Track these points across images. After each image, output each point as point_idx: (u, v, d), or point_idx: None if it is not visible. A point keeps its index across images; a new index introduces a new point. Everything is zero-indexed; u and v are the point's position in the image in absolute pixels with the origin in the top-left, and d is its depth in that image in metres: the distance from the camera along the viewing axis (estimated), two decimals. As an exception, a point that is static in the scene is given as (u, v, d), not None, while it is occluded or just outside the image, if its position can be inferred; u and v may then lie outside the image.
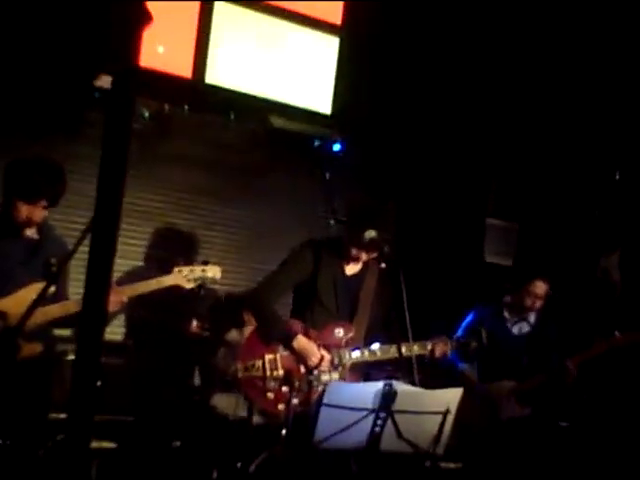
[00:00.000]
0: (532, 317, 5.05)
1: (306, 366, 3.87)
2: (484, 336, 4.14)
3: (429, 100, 6.21)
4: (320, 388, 3.77)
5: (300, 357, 3.88)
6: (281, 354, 3.90)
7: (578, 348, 4.83)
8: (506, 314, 5.05)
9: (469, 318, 5.06)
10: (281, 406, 3.78)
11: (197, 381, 4.83)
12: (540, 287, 4.96)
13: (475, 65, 6.21)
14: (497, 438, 4.71)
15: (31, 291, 3.62)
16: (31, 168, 3.76)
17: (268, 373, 3.85)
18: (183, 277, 3.88)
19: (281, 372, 3.85)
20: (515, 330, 4.97)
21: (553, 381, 4.82)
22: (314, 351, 3.87)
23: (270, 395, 3.84)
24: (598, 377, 5.48)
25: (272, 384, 3.84)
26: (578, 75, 6.15)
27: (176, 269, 3.90)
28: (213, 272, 3.98)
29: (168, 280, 3.87)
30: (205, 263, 3.99)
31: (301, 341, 3.89)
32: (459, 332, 4.86)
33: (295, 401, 3.75)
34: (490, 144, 6.50)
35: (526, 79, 6.24)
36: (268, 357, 3.89)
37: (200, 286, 3.95)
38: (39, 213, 3.75)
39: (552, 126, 6.39)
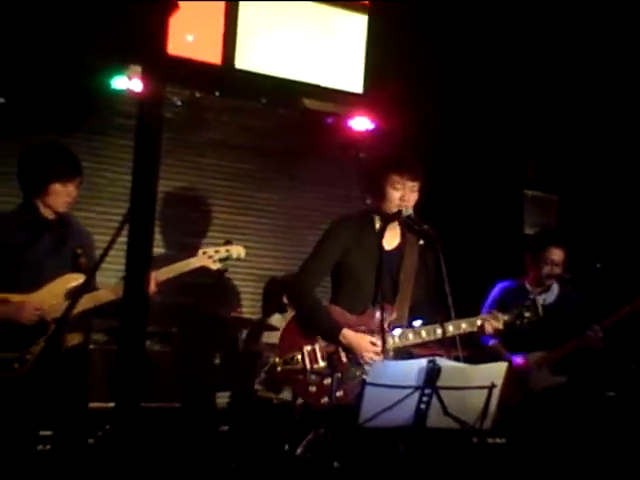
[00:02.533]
0: (555, 287, 5.05)
1: (356, 360, 3.67)
2: (539, 305, 3.94)
3: (462, 72, 6.13)
4: (365, 377, 3.55)
5: (350, 351, 3.68)
6: (320, 345, 3.71)
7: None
8: (528, 286, 5.03)
9: (493, 294, 5.05)
10: (324, 399, 3.61)
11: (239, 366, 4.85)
12: (556, 254, 4.95)
13: (510, 35, 6.11)
14: (534, 410, 4.69)
15: (63, 282, 3.69)
16: (57, 151, 3.88)
17: (308, 366, 3.66)
18: (209, 258, 3.88)
19: (322, 364, 3.66)
20: (540, 301, 4.94)
21: (583, 347, 4.82)
22: (363, 341, 3.67)
23: (312, 389, 3.65)
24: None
25: (313, 377, 3.64)
26: (614, 43, 6.03)
27: (201, 251, 3.90)
28: (237, 251, 3.96)
29: (194, 262, 3.87)
30: (228, 243, 3.99)
31: (348, 335, 3.68)
32: (485, 308, 4.83)
33: (339, 393, 3.59)
34: (527, 115, 6.41)
35: (563, 49, 6.14)
36: (306, 349, 3.69)
37: (225, 268, 3.95)
38: (75, 192, 3.84)
39: (590, 94, 6.28)
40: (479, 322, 3.78)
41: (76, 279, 3.71)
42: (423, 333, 3.73)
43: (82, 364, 3.86)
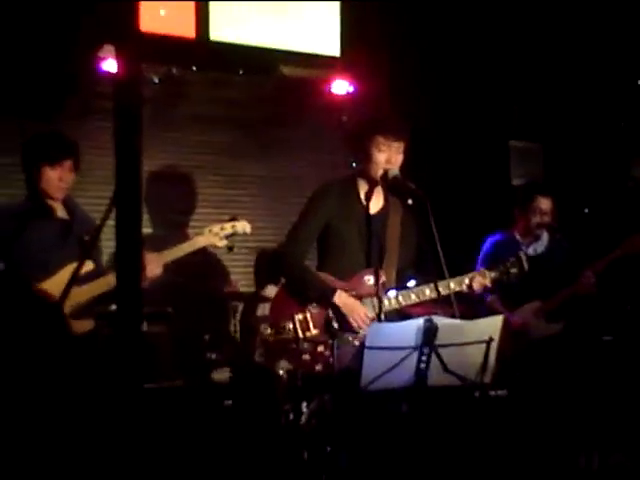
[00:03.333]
0: (545, 236, 5.08)
1: (349, 323, 3.71)
2: (524, 260, 3.95)
3: (441, 27, 6.08)
4: (357, 343, 3.68)
5: (341, 314, 3.71)
6: (311, 312, 3.73)
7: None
8: (519, 237, 5.07)
9: (485, 249, 5.08)
10: (318, 367, 3.66)
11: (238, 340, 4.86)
12: (544, 202, 4.99)
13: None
14: (533, 360, 4.74)
15: (72, 269, 3.67)
16: (48, 135, 3.91)
17: (300, 334, 3.69)
18: (215, 236, 3.93)
19: (314, 331, 3.70)
20: (531, 251, 4.97)
21: (577, 293, 4.85)
22: (357, 308, 3.70)
23: (305, 357, 3.69)
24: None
25: (306, 345, 3.68)
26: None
27: (207, 229, 3.96)
28: (243, 227, 4.02)
29: (202, 241, 3.93)
30: (233, 219, 4.01)
31: (342, 297, 3.71)
32: (479, 264, 4.86)
33: (332, 359, 3.56)
34: (508, 66, 6.38)
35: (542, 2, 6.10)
36: (298, 317, 3.72)
37: (231, 245, 3.99)
38: (68, 176, 3.82)
39: (569, 41, 6.25)
40: (467, 281, 3.79)
41: (85, 266, 3.70)
42: (413, 295, 3.76)
43: (97, 350, 3.86)
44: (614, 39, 6.16)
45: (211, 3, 5.29)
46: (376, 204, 3.90)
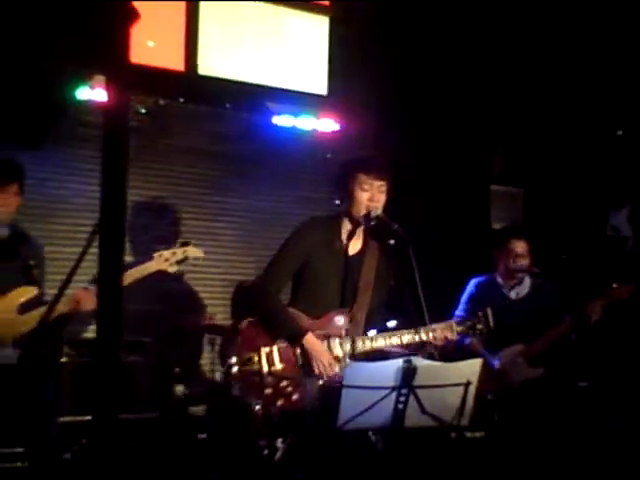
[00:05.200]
0: (527, 280, 5.07)
1: (311, 367, 3.65)
2: (490, 316, 3.85)
3: (426, 70, 6.16)
4: (319, 382, 3.64)
5: (307, 356, 3.66)
6: (278, 346, 3.68)
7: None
8: (500, 280, 5.05)
9: (468, 292, 5.07)
10: (280, 402, 3.60)
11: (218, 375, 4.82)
12: (519, 245, 4.98)
13: (474, 32, 6.14)
14: (513, 404, 4.72)
15: (15, 296, 3.62)
16: None
17: (265, 368, 3.64)
18: (165, 261, 3.81)
19: (279, 366, 3.65)
20: (513, 295, 4.97)
21: (576, 328, 4.82)
22: (323, 354, 3.65)
23: (268, 391, 3.62)
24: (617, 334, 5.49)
25: (270, 379, 3.62)
26: (578, 35, 6.10)
27: (156, 254, 3.81)
28: (194, 252, 3.91)
29: (152, 267, 3.79)
30: (185, 244, 3.94)
31: (309, 340, 3.65)
32: (461, 308, 4.87)
33: (295, 397, 3.59)
34: (492, 111, 6.47)
35: (527, 43, 6.19)
36: (264, 350, 3.66)
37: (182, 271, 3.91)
38: (13, 200, 3.76)
39: (552, 88, 6.35)
40: (437, 332, 3.71)
41: (29, 292, 3.64)
42: (394, 338, 3.71)
43: (47, 379, 3.81)
44: (596, 90, 6.27)
45: (201, 37, 5.34)
46: (355, 245, 3.90)
